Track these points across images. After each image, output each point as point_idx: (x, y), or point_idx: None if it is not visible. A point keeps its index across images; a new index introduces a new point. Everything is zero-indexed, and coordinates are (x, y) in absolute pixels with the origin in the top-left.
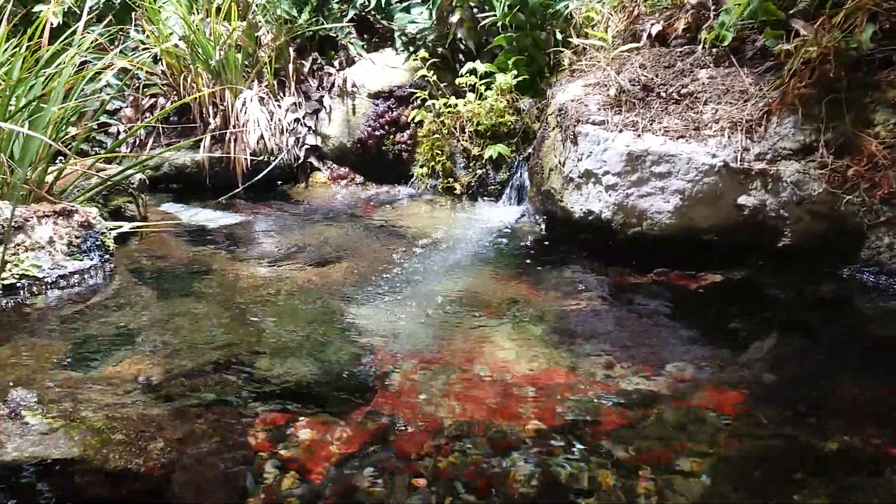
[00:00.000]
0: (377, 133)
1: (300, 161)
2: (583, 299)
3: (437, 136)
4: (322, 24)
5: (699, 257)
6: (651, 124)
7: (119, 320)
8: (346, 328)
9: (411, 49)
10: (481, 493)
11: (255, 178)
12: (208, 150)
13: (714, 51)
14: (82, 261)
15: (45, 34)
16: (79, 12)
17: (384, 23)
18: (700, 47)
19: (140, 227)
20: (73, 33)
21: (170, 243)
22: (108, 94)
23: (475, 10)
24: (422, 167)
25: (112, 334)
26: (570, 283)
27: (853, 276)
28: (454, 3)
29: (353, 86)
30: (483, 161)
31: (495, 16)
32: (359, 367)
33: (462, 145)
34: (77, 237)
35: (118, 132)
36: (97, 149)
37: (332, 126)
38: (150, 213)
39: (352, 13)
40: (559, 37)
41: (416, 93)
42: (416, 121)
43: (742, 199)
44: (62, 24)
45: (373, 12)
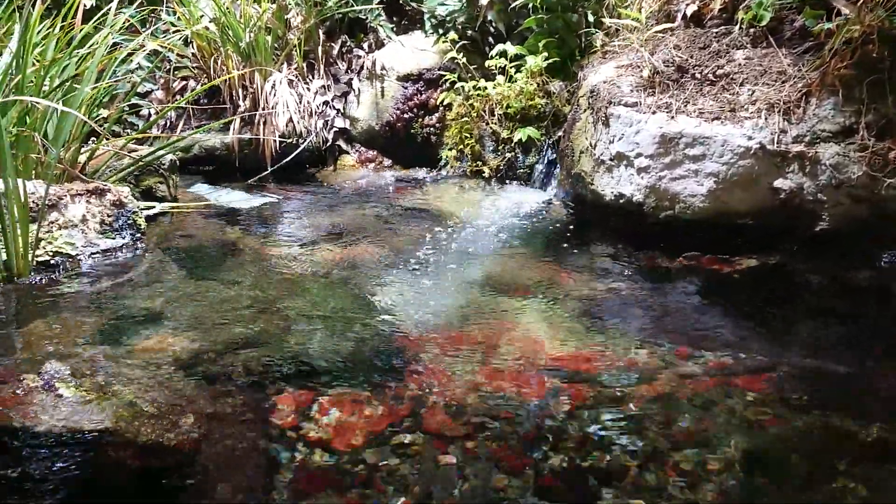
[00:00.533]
0: (406, 116)
1: (329, 144)
2: (612, 282)
3: (465, 119)
4: (351, 6)
5: (732, 242)
6: (685, 106)
7: (150, 297)
8: (375, 308)
9: (440, 31)
10: (510, 472)
11: (284, 161)
12: (238, 132)
13: (751, 31)
14: (114, 239)
15: (79, 15)
16: None
17: (413, 5)
18: (737, 27)
19: (170, 208)
20: (106, 14)
21: (199, 224)
22: (140, 77)
23: None
24: (450, 150)
25: (143, 311)
26: (600, 267)
27: (892, 262)
28: None
29: (382, 68)
30: (512, 144)
31: None
32: (387, 347)
33: (491, 128)
34: (109, 216)
35: (149, 114)
36: (128, 130)
37: (361, 109)
38: (180, 194)
39: None
40: (591, 19)
41: (445, 75)
42: (444, 104)
43: (778, 183)
44: (94, 6)
45: None
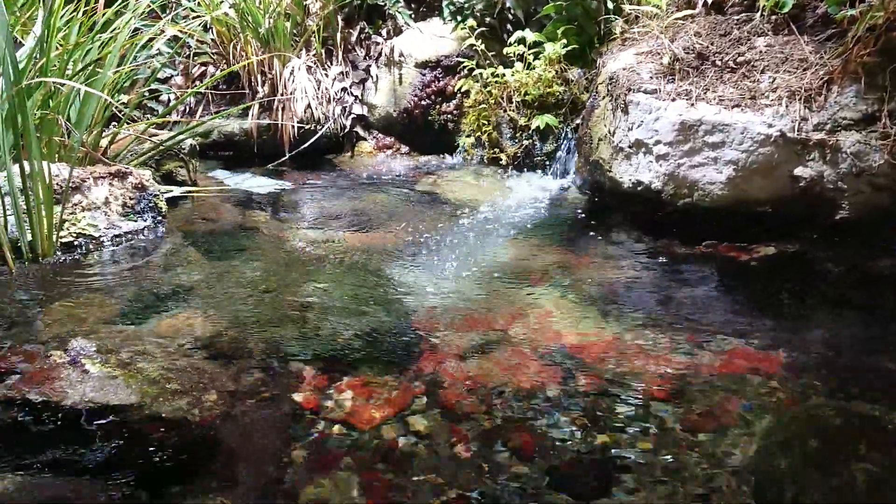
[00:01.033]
0: (423, 103)
1: (346, 130)
2: (629, 269)
3: (483, 106)
4: None
5: (751, 229)
6: (705, 93)
7: (171, 278)
8: (391, 292)
9: (459, 18)
10: (524, 454)
11: (302, 147)
12: (256, 118)
13: (773, 18)
14: (136, 221)
15: (101, 0)
16: None
17: None
18: (758, 15)
19: (190, 192)
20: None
21: (219, 207)
22: (160, 62)
23: None
24: (467, 137)
25: (165, 291)
26: (617, 254)
27: None
28: None
29: (401, 55)
30: (530, 132)
31: None
32: (403, 330)
33: (509, 115)
34: (131, 198)
35: (168, 100)
36: (148, 115)
37: (379, 95)
38: (199, 178)
39: None
40: (610, 6)
41: (463, 62)
42: (462, 90)
43: (798, 171)
44: None
45: None
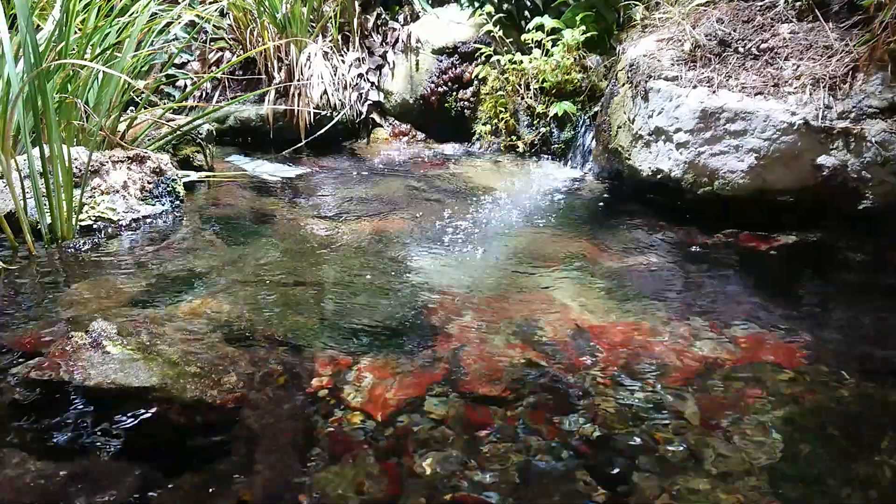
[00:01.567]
0: (440, 90)
1: (362, 117)
2: (648, 257)
3: (501, 93)
4: None
5: (772, 218)
6: (727, 80)
7: (189, 262)
8: (408, 278)
9: (476, 4)
10: (544, 439)
11: (318, 133)
12: (272, 103)
13: (797, 4)
14: (154, 206)
15: None
16: None
17: None
18: (781, 1)
19: (207, 177)
20: None
21: (235, 193)
22: (177, 48)
23: None
24: (484, 125)
25: (183, 275)
26: (636, 242)
27: None
28: None
29: (417, 41)
30: (547, 119)
31: None
32: (420, 315)
33: (526, 103)
34: (149, 183)
35: (185, 85)
36: (165, 101)
37: (395, 82)
38: (215, 164)
39: None
40: None
41: (480, 49)
42: (479, 77)
43: (821, 160)
44: None
45: None
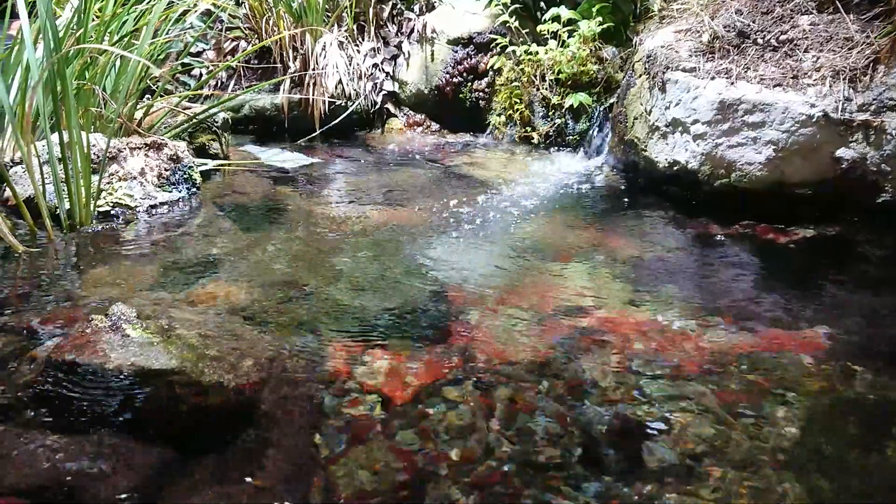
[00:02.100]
0: (455, 80)
1: (377, 107)
2: (664, 249)
3: (516, 84)
4: None
5: (789, 211)
6: (745, 72)
7: (206, 248)
8: (421, 267)
9: None
10: (558, 430)
11: (333, 123)
12: (287, 93)
13: None
14: (171, 192)
15: None
16: None
17: None
18: None
19: (223, 165)
20: None
21: (251, 181)
22: (193, 36)
23: None
24: (499, 116)
25: (200, 261)
26: (651, 233)
27: None
28: None
29: (433, 31)
30: (563, 110)
31: None
32: (433, 304)
33: (541, 94)
34: (166, 170)
35: (200, 74)
36: (180, 89)
37: (410, 72)
38: (230, 152)
39: None
40: None
41: (495, 39)
42: (495, 68)
43: (840, 152)
44: None
45: None
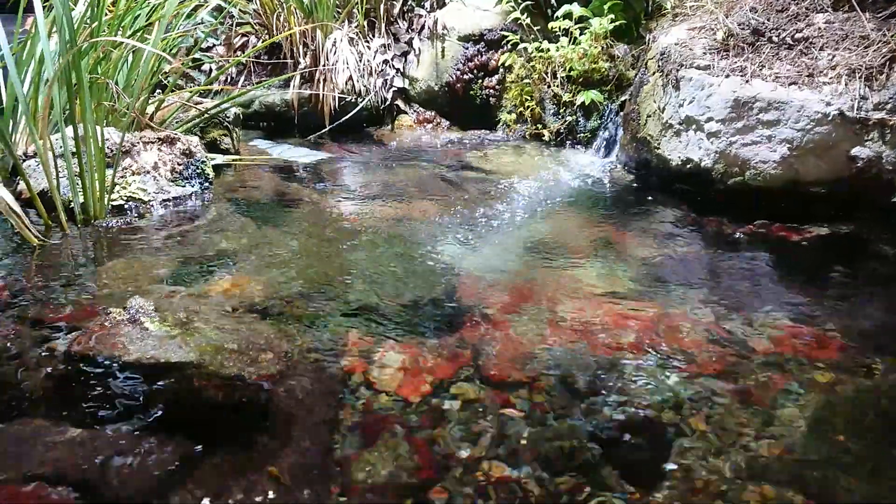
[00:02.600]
0: (466, 77)
1: (387, 103)
2: (676, 247)
3: (527, 80)
4: None
5: (803, 210)
6: (760, 70)
7: (219, 243)
8: (432, 263)
9: None
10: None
11: (342, 119)
12: (297, 89)
13: None
14: (184, 187)
15: None
16: None
17: None
18: None
19: (234, 160)
20: None
21: (262, 176)
22: (204, 32)
23: None
24: (509, 113)
25: (214, 255)
26: (663, 231)
27: None
28: None
29: (443, 28)
30: (574, 108)
31: None
32: (446, 300)
33: (553, 91)
34: (179, 164)
35: (210, 69)
36: (191, 84)
37: (420, 69)
38: (241, 147)
39: None
40: None
41: (506, 36)
42: (505, 65)
43: (856, 151)
44: None
45: None
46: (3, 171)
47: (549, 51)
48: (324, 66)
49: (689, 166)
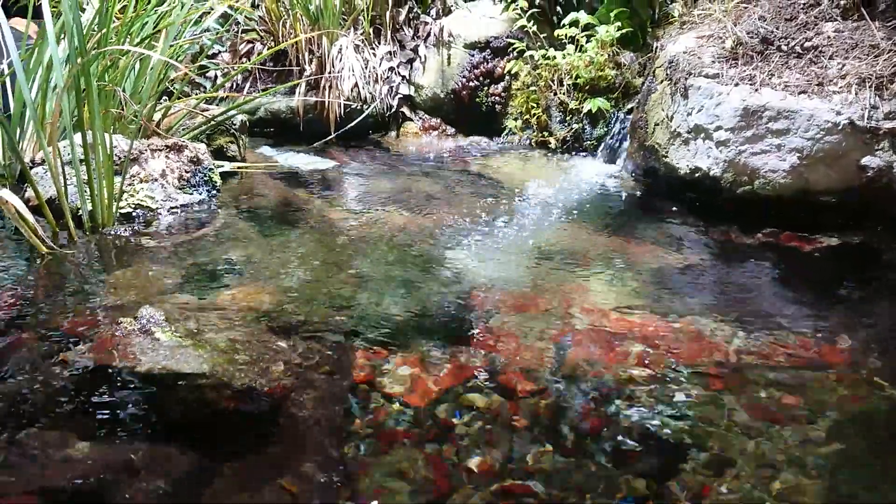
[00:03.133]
0: (471, 84)
1: (392, 110)
2: (685, 256)
3: (533, 88)
4: None
5: (813, 219)
6: (770, 78)
7: (227, 251)
8: (441, 272)
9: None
10: (580, 436)
11: (348, 126)
12: (303, 96)
13: (842, 3)
14: (192, 194)
15: None
16: None
17: None
18: None
19: (241, 167)
20: None
21: (268, 183)
22: (210, 39)
23: None
24: (515, 120)
25: (222, 263)
26: (672, 240)
27: None
28: None
29: (449, 35)
30: (580, 115)
31: None
32: (455, 310)
33: (559, 98)
34: (187, 172)
35: (215, 76)
36: (196, 91)
37: (426, 76)
38: (247, 155)
39: None
40: None
41: (512, 43)
42: (511, 72)
43: (866, 160)
44: None
45: None
46: (11, 178)
47: (555, 58)
48: (329, 73)
49: (697, 175)
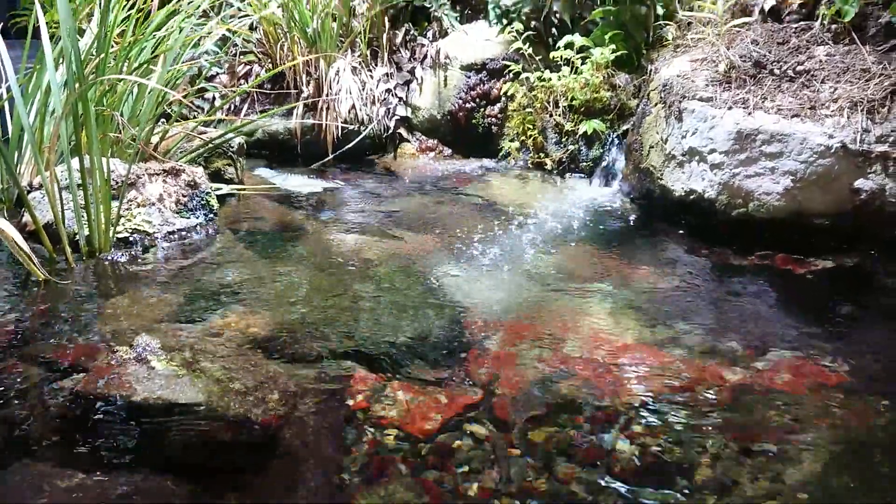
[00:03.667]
0: (468, 105)
1: (390, 132)
2: (680, 278)
3: (529, 110)
4: None
5: (807, 242)
6: (763, 102)
7: (224, 276)
8: (438, 295)
9: (504, 22)
10: (582, 461)
11: (345, 148)
12: (301, 117)
13: (833, 27)
14: (189, 218)
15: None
16: None
17: None
18: (817, 23)
19: (239, 190)
20: None
21: (266, 206)
22: (208, 61)
23: None
24: (511, 141)
25: (219, 289)
26: (667, 262)
27: None
28: None
29: (446, 57)
30: (576, 137)
31: None
32: (452, 334)
33: (555, 120)
34: (184, 196)
35: (213, 98)
36: (194, 113)
37: (423, 98)
38: (245, 177)
39: None
40: (660, 11)
41: (508, 65)
42: (508, 94)
43: (859, 183)
44: None
45: None
46: (9, 202)
47: (550, 80)
48: (327, 94)
49: (692, 197)
